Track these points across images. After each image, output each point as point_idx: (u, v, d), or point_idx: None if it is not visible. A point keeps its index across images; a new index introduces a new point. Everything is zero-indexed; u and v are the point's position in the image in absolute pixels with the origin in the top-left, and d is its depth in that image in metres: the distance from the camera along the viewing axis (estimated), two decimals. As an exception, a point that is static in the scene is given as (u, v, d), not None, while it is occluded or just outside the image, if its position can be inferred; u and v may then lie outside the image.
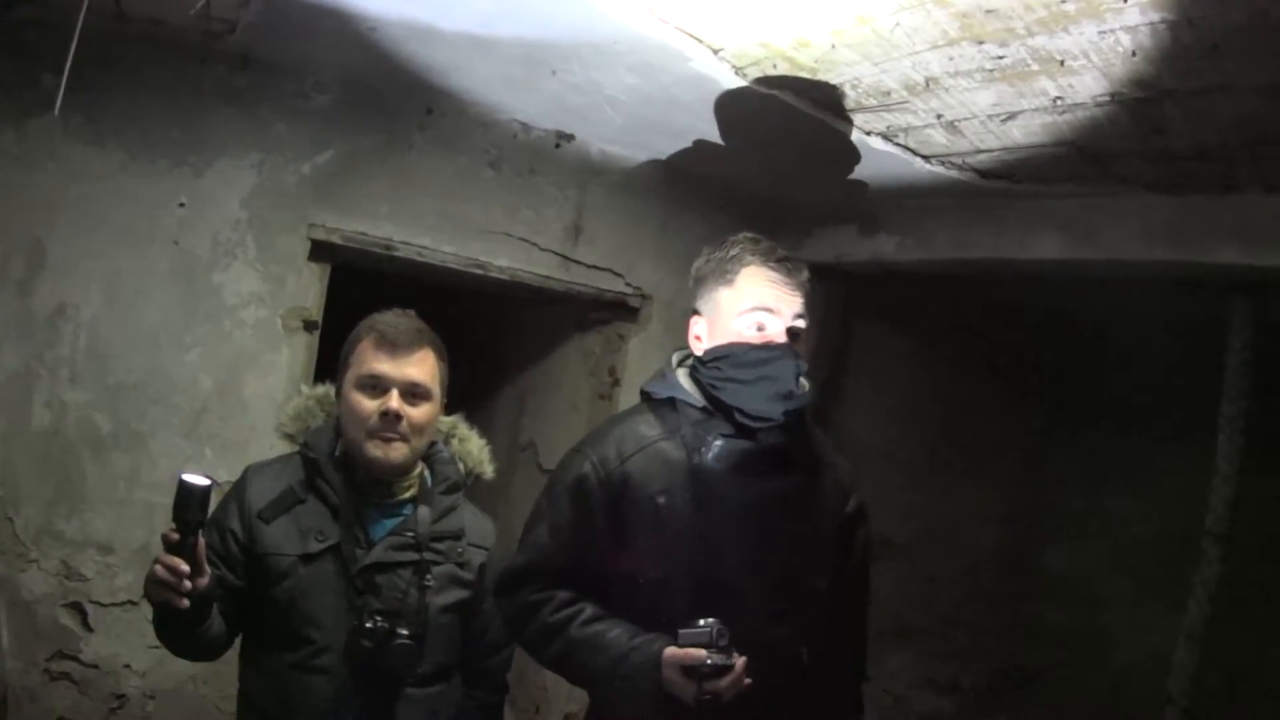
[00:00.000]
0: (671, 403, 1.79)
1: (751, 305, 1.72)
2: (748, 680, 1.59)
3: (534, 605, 1.78)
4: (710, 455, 1.71)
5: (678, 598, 1.67)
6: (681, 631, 1.61)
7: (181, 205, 2.66)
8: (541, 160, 3.17)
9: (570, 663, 1.76)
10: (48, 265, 2.53)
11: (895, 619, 4.25)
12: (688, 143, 2.90)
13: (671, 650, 1.60)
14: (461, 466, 1.97)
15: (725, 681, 1.56)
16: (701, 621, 1.59)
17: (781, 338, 1.70)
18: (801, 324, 1.74)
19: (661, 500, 1.71)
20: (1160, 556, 3.83)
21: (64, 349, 2.57)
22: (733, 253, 1.75)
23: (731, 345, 1.72)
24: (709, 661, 1.56)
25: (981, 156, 2.47)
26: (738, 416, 1.70)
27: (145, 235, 2.63)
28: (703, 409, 1.75)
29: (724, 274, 1.75)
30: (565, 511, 1.78)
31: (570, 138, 3.11)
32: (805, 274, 1.76)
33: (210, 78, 2.64)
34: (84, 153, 2.53)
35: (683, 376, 1.83)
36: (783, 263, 1.73)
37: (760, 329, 1.71)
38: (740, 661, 1.57)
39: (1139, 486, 4.13)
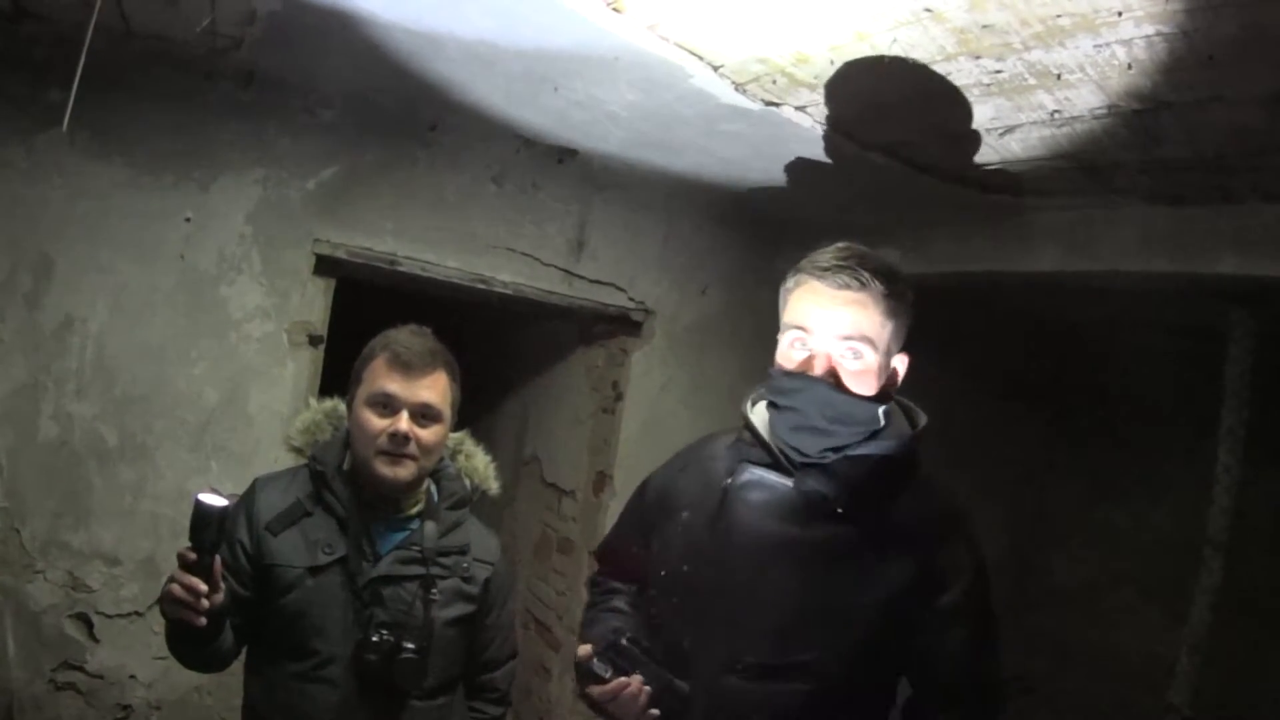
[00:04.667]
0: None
1: (788, 322, 1.56)
2: (653, 713, 1.48)
3: (589, 583, 1.97)
4: (736, 483, 1.59)
5: (669, 612, 1.61)
6: (594, 631, 1.66)
7: (187, 220, 2.69)
8: (544, 175, 3.19)
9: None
10: (55, 279, 2.55)
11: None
12: (689, 158, 2.91)
13: (581, 645, 1.58)
14: (468, 483, 1.98)
15: (597, 691, 1.49)
16: (616, 625, 1.60)
17: (822, 360, 1.49)
18: (845, 346, 1.50)
19: (685, 515, 1.65)
20: (1161, 565, 3.84)
21: (71, 362, 2.59)
22: (802, 260, 1.59)
23: (772, 369, 1.58)
24: (592, 663, 1.51)
25: (980, 169, 2.49)
26: (776, 446, 1.56)
27: (151, 249, 2.65)
28: (753, 432, 1.61)
29: (786, 285, 1.61)
30: (628, 509, 1.92)
31: (573, 153, 3.13)
32: (871, 287, 1.52)
33: (216, 93, 2.67)
34: (91, 167, 2.56)
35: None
36: (830, 271, 1.51)
37: (793, 348, 1.54)
38: (618, 682, 1.48)
39: (1140, 495, 4.14)
